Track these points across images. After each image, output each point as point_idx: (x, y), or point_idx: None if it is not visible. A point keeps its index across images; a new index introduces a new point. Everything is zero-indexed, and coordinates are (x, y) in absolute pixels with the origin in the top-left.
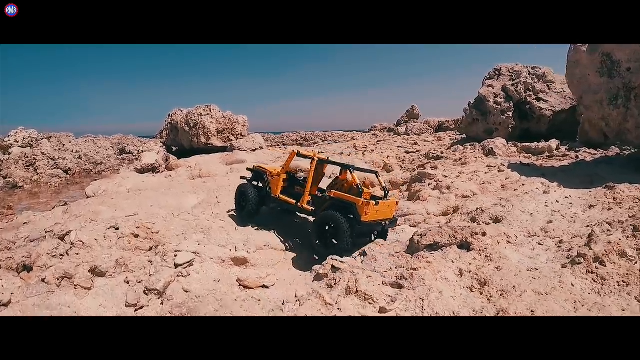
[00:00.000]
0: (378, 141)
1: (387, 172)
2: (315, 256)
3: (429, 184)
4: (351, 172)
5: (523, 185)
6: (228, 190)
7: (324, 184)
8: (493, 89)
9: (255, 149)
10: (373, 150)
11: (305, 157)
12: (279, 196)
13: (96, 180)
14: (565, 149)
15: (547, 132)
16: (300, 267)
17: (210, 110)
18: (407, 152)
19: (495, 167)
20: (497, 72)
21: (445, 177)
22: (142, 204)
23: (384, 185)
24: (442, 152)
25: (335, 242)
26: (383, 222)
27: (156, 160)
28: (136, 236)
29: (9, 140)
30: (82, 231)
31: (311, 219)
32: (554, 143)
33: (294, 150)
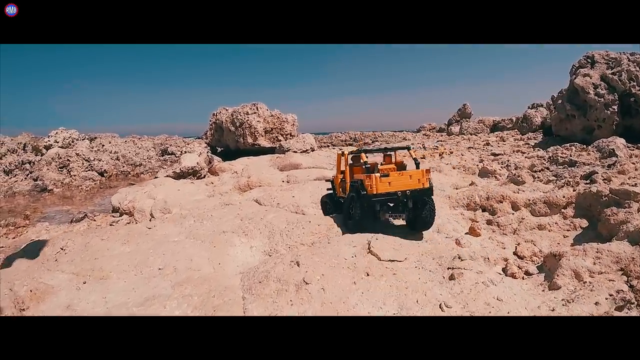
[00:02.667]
0: (438, 141)
1: (515, 184)
2: None
3: (638, 209)
4: (363, 154)
5: None
6: (308, 231)
7: None
8: (591, 78)
9: (307, 150)
10: (451, 152)
11: (352, 153)
12: (339, 196)
13: (132, 184)
14: None
15: None
16: None
17: (257, 108)
18: (495, 155)
19: None
20: (589, 60)
21: None
22: (144, 264)
23: (414, 157)
24: (570, 157)
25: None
26: (407, 192)
27: (197, 163)
28: None
29: (48, 141)
30: None
31: None
32: None
33: (338, 153)
